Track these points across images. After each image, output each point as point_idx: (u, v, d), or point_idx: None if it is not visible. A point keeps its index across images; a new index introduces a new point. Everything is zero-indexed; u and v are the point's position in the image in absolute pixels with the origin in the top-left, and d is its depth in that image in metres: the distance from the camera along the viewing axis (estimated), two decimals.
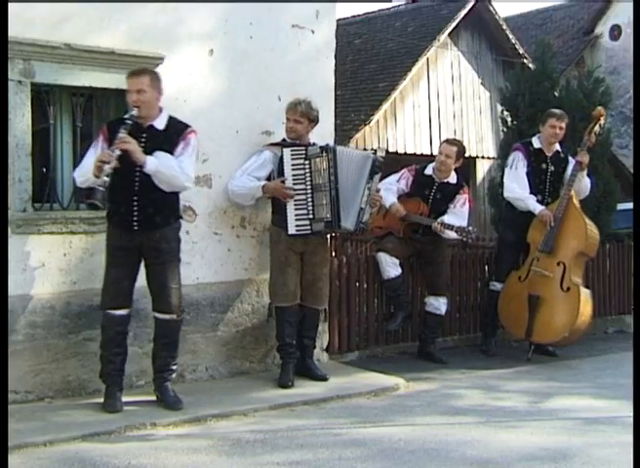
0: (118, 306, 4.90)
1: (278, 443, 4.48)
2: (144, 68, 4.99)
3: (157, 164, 4.76)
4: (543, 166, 6.83)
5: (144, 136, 4.87)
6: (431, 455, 4.29)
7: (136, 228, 4.85)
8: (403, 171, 6.85)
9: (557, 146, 6.92)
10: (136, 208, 4.85)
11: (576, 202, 6.69)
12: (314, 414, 5.11)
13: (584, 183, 6.84)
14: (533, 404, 5.45)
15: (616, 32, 19.30)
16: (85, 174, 4.79)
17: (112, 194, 4.84)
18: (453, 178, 6.72)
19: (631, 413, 4.69)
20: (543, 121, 6.91)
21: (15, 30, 4.82)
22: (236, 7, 5.86)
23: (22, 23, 4.92)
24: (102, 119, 5.45)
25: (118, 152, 4.64)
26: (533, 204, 6.73)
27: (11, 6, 4.75)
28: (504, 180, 6.99)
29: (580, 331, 6.69)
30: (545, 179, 6.83)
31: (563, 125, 6.80)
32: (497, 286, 6.97)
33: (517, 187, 6.79)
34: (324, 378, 5.81)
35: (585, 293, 6.66)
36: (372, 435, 4.66)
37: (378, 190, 5.85)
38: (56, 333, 5.14)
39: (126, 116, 4.83)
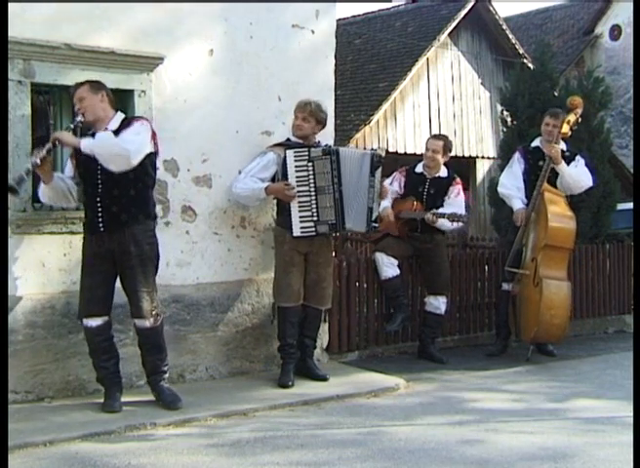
0: (92, 314, 4.86)
1: (278, 443, 4.47)
2: (84, 81, 4.93)
3: (91, 143, 4.71)
4: (540, 163, 6.80)
5: None
6: (431, 455, 4.29)
7: (102, 229, 4.82)
8: (394, 174, 6.90)
9: (562, 145, 6.79)
10: (100, 208, 4.82)
11: (549, 195, 6.55)
12: (314, 414, 5.10)
13: (569, 177, 6.69)
14: (533, 404, 5.44)
15: (616, 32, 19.31)
16: None
17: (85, 200, 4.93)
18: (443, 173, 6.76)
19: (631, 413, 4.69)
20: (541, 120, 7.01)
21: (15, 30, 4.83)
22: (236, 7, 5.86)
23: (22, 23, 4.93)
24: None
25: (49, 145, 4.64)
26: (514, 202, 6.82)
27: (11, 6, 4.75)
28: (500, 177, 7.22)
29: (551, 327, 6.48)
30: None
31: (557, 122, 6.72)
32: (504, 285, 6.98)
33: (508, 184, 6.96)
34: (324, 378, 5.81)
35: (553, 286, 6.46)
36: (372, 435, 4.66)
37: (382, 182, 5.85)
38: (56, 333, 5.14)
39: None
